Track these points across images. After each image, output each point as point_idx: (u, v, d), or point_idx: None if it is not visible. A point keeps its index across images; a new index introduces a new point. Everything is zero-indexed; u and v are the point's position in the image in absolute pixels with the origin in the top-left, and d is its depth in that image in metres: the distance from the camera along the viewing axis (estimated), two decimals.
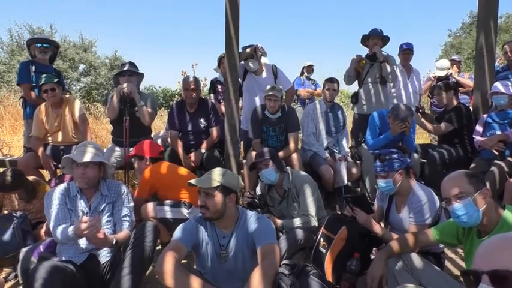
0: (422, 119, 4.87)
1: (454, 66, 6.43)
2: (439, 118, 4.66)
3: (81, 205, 2.68)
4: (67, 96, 4.50)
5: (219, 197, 2.32)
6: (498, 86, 4.10)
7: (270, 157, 3.37)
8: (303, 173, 3.60)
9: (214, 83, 5.68)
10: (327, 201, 4.17)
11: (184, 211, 3.37)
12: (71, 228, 2.43)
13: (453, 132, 4.41)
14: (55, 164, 4.16)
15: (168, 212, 3.37)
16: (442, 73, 6.19)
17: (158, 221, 3.29)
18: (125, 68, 4.34)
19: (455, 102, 4.51)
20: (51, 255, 2.59)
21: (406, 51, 5.54)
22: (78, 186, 2.69)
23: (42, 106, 4.30)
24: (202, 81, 5.46)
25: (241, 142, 5.09)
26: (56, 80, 4.23)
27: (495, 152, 3.94)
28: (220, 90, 5.59)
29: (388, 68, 4.79)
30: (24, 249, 2.88)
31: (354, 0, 52.91)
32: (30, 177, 3.64)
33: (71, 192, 2.70)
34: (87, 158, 2.63)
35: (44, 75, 4.22)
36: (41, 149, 4.19)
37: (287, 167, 3.59)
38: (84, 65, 17.58)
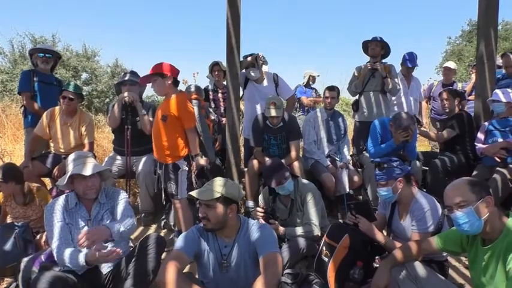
0: (422, 128, 4.89)
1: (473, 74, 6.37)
2: (442, 125, 4.68)
3: (81, 216, 2.66)
4: (84, 111, 4.49)
5: (220, 208, 2.30)
6: (499, 94, 4.11)
7: (286, 170, 3.35)
8: (307, 181, 3.59)
9: (206, 91, 5.68)
10: (329, 210, 4.16)
11: None
12: (82, 256, 2.41)
13: (455, 139, 4.42)
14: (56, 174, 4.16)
15: None
16: (451, 65, 6.27)
17: None
18: (126, 78, 4.36)
19: (457, 110, 4.53)
20: (52, 265, 2.56)
21: (410, 69, 5.55)
22: (87, 197, 2.67)
23: (57, 109, 4.33)
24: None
25: (243, 150, 5.09)
26: (79, 92, 4.31)
27: (497, 159, 3.94)
28: (212, 98, 5.59)
29: (390, 84, 4.81)
30: (25, 259, 2.86)
31: (353, 9, 53.26)
32: (35, 184, 3.65)
33: (69, 203, 2.67)
34: (92, 169, 2.62)
35: (72, 83, 4.32)
36: (28, 161, 4.19)
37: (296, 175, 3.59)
38: (87, 74, 17.62)
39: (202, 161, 3.48)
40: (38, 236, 3.37)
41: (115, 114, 4.17)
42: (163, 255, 2.78)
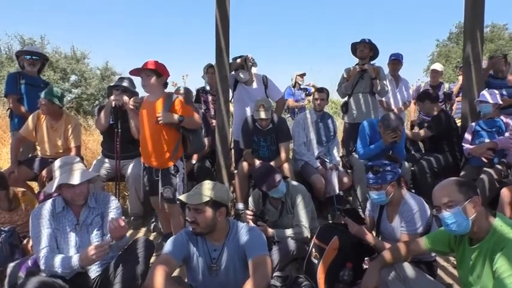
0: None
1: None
2: (421, 125, 4.80)
3: (69, 220, 2.61)
4: (70, 114, 4.39)
5: (208, 212, 2.28)
6: (486, 95, 4.16)
7: (278, 172, 3.33)
8: (297, 183, 3.58)
9: (198, 92, 5.66)
10: (318, 211, 4.17)
11: None
12: (75, 258, 2.38)
13: (440, 138, 4.50)
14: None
15: None
16: (438, 67, 6.32)
17: None
18: (113, 84, 4.32)
19: (435, 112, 4.62)
20: (39, 270, 2.51)
21: (394, 61, 5.68)
22: (76, 203, 2.62)
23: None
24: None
25: (232, 152, 5.07)
26: (53, 98, 4.12)
27: (484, 159, 3.99)
28: (203, 99, 5.57)
29: (379, 85, 4.85)
30: (11, 264, 2.80)
31: (344, 10, 53.52)
32: (20, 189, 3.60)
33: (56, 208, 2.60)
34: (81, 178, 2.55)
35: (47, 89, 4.20)
36: (15, 167, 4.16)
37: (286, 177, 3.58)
38: (75, 76, 17.48)
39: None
40: (24, 241, 3.32)
41: (102, 117, 4.13)
42: (152, 259, 2.75)
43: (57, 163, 2.67)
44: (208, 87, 5.54)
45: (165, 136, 3.38)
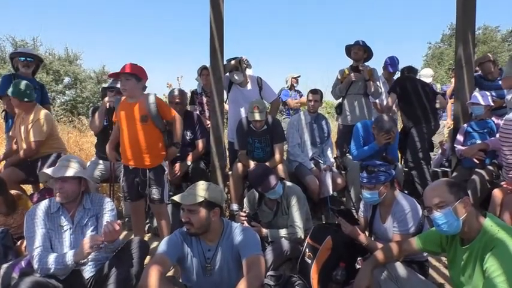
0: None
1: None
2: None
3: (63, 221, 2.61)
4: (42, 109, 4.23)
5: (202, 212, 2.30)
6: (478, 97, 4.21)
7: (274, 174, 3.33)
8: (292, 184, 3.58)
9: (193, 94, 5.67)
10: (313, 212, 4.18)
11: None
12: (70, 254, 2.39)
13: (408, 100, 4.69)
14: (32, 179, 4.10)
15: None
16: (428, 80, 6.33)
17: None
18: (107, 85, 4.32)
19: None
20: (33, 271, 2.51)
21: (392, 74, 5.70)
22: (58, 201, 2.61)
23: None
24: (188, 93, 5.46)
25: (227, 153, 5.08)
26: (21, 96, 4.04)
27: (476, 160, 4.03)
28: (198, 101, 5.57)
29: (373, 87, 4.89)
30: (5, 265, 2.79)
31: (337, 11, 53.77)
32: (12, 191, 3.57)
33: (51, 208, 2.61)
34: (64, 173, 2.55)
35: (12, 89, 4.07)
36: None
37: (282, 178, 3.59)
38: (69, 78, 17.39)
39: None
40: (18, 242, 3.31)
41: (96, 119, 4.13)
42: (147, 259, 2.76)
43: (61, 157, 2.75)
44: (200, 90, 5.55)
45: (152, 134, 3.41)
